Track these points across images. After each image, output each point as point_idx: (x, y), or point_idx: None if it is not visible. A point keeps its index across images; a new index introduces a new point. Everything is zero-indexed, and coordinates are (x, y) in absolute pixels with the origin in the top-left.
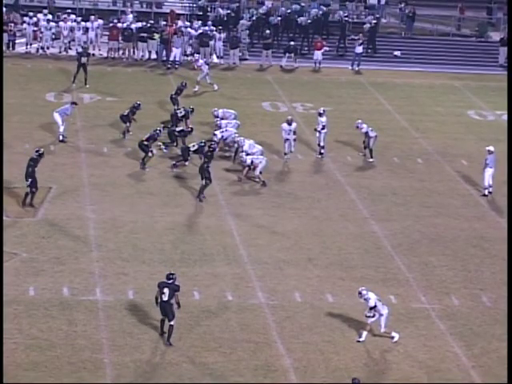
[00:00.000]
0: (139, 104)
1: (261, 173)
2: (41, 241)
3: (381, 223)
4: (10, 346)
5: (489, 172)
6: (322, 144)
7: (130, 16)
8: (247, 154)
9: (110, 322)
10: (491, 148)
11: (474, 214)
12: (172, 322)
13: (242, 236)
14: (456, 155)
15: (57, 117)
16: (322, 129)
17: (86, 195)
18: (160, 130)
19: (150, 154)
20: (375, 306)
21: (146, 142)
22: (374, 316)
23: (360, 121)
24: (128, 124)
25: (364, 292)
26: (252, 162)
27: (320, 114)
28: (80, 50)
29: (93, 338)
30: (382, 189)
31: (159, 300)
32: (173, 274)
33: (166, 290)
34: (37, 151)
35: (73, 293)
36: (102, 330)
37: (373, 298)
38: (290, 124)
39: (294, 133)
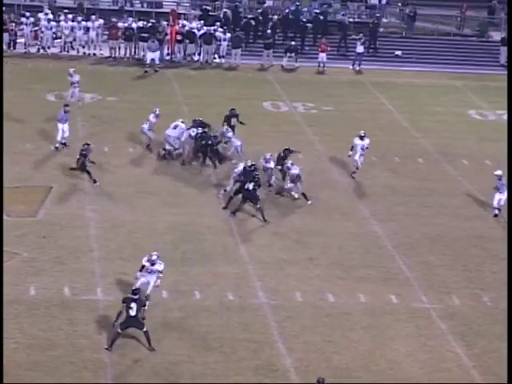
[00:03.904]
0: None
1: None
2: (41, 240)
3: (381, 223)
4: (11, 346)
5: (499, 196)
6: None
7: (49, 15)
8: (178, 139)
9: (110, 321)
10: (499, 172)
11: (474, 214)
12: (145, 329)
13: (243, 236)
14: (456, 155)
15: (59, 126)
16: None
17: (86, 195)
18: (204, 132)
19: (207, 162)
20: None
21: (203, 149)
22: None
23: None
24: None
25: (154, 258)
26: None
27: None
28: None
29: (93, 337)
30: (383, 188)
31: (125, 315)
32: (138, 289)
33: (133, 305)
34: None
35: (73, 292)
36: (103, 330)
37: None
38: (362, 139)
39: (367, 148)
